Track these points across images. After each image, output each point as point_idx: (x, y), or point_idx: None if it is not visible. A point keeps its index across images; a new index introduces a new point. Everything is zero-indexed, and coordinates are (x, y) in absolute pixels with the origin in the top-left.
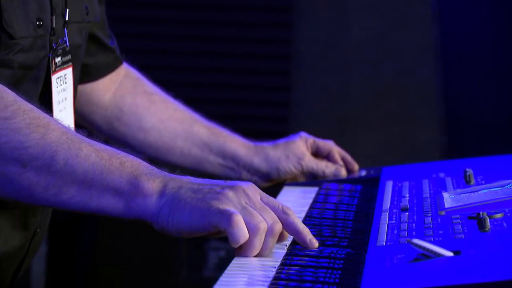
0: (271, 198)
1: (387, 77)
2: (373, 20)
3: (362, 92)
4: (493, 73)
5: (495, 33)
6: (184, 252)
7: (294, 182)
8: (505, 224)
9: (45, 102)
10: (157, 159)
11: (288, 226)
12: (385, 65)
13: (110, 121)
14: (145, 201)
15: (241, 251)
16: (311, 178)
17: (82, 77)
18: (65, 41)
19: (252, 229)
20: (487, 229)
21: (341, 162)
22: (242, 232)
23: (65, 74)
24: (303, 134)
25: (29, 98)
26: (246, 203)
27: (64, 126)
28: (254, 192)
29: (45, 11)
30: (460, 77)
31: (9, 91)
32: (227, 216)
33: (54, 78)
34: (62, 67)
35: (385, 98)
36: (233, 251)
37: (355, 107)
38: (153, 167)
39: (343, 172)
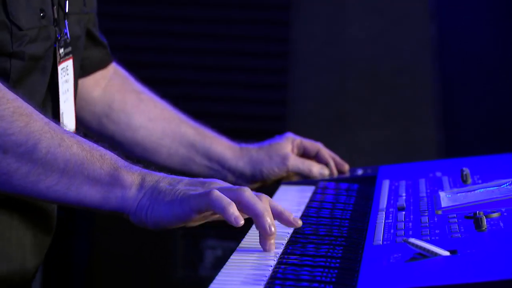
0: None
1: (385, 75)
2: (370, 18)
3: (360, 90)
4: (491, 71)
5: (493, 30)
6: (180, 250)
7: (291, 181)
8: (501, 224)
9: (51, 93)
10: (144, 158)
11: None
12: (382, 62)
13: (99, 118)
14: (123, 193)
15: (255, 218)
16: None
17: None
18: (66, 33)
19: (235, 195)
20: (483, 228)
21: (331, 161)
22: (224, 200)
23: (67, 66)
24: (290, 135)
25: (38, 89)
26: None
27: (46, 118)
28: (230, 185)
29: (46, 2)
30: (458, 75)
31: None
32: (205, 195)
33: (59, 68)
34: (64, 58)
35: (383, 96)
36: (230, 250)
37: (353, 105)
38: (129, 162)
39: (332, 171)
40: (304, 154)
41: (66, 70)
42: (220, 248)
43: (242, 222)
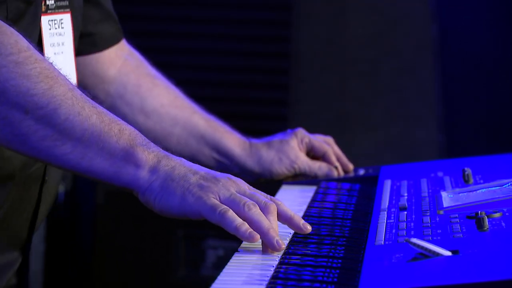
0: (259, 191)
1: (386, 76)
2: (372, 18)
3: (361, 90)
4: (492, 72)
5: (494, 31)
6: (182, 250)
7: (292, 181)
8: (503, 224)
9: (40, 43)
10: None
11: (279, 215)
12: (383, 63)
13: (112, 99)
14: (136, 171)
15: (262, 236)
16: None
17: (88, 47)
18: None
19: (242, 211)
20: (485, 228)
21: (336, 163)
22: (234, 220)
23: (61, 19)
24: (300, 131)
25: (28, 35)
26: (236, 191)
27: (71, 84)
28: (243, 183)
29: None
30: (459, 75)
31: (23, 38)
32: (219, 214)
33: (45, 19)
34: (56, 11)
35: (384, 96)
36: (232, 249)
37: (354, 105)
38: (149, 141)
39: (336, 174)
40: (311, 152)
41: (59, 23)
42: (222, 248)
43: (257, 237)
